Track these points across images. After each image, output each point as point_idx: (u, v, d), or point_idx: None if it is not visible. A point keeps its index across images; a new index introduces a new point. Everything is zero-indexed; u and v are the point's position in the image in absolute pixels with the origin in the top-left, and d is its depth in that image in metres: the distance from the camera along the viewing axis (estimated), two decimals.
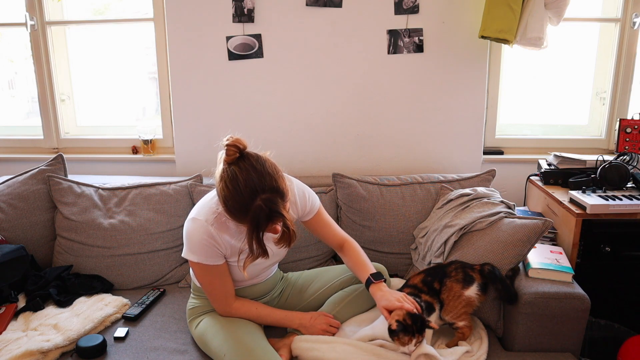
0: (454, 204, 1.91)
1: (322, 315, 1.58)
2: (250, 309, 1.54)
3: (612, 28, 2.37)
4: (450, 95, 2.30)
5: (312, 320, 1.55)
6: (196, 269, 1.49)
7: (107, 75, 2.63)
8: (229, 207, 1.31)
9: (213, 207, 1.43)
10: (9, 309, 1.66)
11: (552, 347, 1.57)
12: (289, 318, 1.57)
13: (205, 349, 1.51)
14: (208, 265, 1.44)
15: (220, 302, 1.52)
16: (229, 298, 1.52)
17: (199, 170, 2.33)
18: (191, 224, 1.44)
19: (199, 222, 1.42)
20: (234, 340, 1.42)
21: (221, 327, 1.48)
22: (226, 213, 1.34)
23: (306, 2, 2.20)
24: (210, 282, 1.49)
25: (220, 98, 2.32)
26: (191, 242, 1.44)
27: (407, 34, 2.23)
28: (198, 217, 1.43)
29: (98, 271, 1.92)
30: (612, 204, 1.79)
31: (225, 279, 1.50)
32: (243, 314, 1.53)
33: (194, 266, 1.49)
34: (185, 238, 1.46)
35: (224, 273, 1.50)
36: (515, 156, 2.42)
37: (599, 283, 1.85)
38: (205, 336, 1.50)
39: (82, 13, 2.52)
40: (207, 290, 1.51)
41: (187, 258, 1.46)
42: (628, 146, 2.21)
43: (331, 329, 1.55)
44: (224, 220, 1.42)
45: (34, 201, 1.99)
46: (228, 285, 1.51)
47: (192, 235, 1.43)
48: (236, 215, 1.32)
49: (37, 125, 2.58)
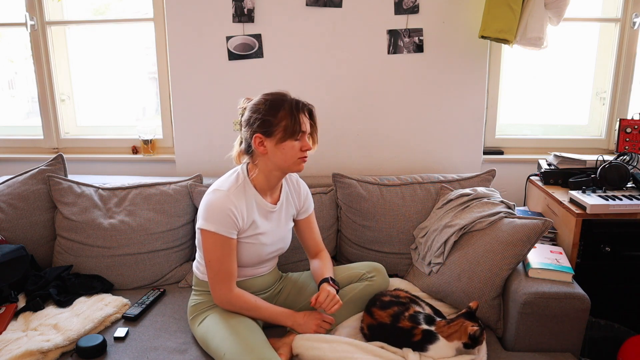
0: (454, 204, 1.91)
1: (314, 313, 1.58)
2: (249, 299, 1.54)
3: (612, 28, 2.37)
4: (450, 95, 2.30)
5: (305, 317, 1.56)
6: (209, 242, 1.48)
7: (107, 75, 2.63)
8: (262, 113, 1.47)
9: (233, 181, 1.53)
10: (9, 309, 1.66)
11: (552, 347, 1.57)
12: (284, 315, 1.57)
13: (205, 348, 1.51)
14: (223, 236, 1.46)
15: (222, 285, 1.50)
16: (232, 281, 1.51)
17: (199, 170, 2.33)
18: (212, 194, 1.50)
19: (221, 192, 1.49)
20: (233, 339, 1.42)
21: (222, 325, 1.49)
22: (259, 119, 1.47)
23: (306, 2, 2.20)
24: (219, 258, 1.48)
25: (220, 98, 2.32)
26: (211, 211, 1.47)
27: (407, 34, 2.23)
28: (220, 189, 1.50)
29: (98, 271, 1.92)
30: (612, 204, 1.79)
31: (233, 257, 1.51)
32: (243, 302, 1.52)
33: (208, 239, 1.48)
34: (204, 208, 1.49)
35: (234, 251, 1.51)
36: (515, 156, 2.42)
37: (599, 283, 1.85)
38: (207, 334, 1.50)
39: (82, 13, 2.52)
40: (214, 269, 1.49)
41: (204, 228, 1.47)
42: (628, 146, 2.21)
43: (324, 325, 1.56)
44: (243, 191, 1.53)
45: (34, 201, 1.99)
46: (234, 266, 1.51)
47: (212, 205, 1.48)
48: (271, 113, 1.47)
49: (37, 125, 2.58)
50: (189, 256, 2.08)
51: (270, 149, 1.50)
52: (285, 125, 1.47)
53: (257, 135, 1.50)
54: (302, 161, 1.55)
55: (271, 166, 1.54)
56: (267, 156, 1.52)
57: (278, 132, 1.48)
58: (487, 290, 1.65)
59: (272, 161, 1.53)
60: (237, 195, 1.51)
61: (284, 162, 1.52)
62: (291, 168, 1.55)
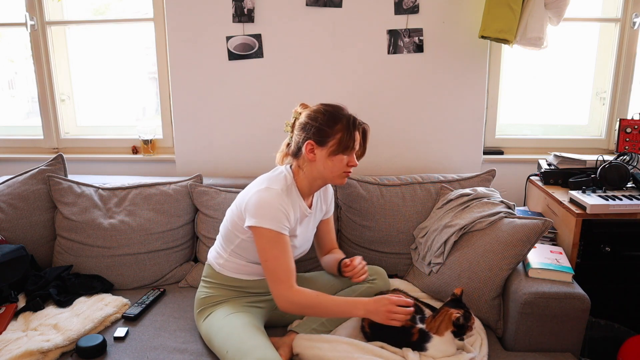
0: (454, 204, 1.91)
1: (384, 299, 1.45)
2: (310, 295, 1.45)
3: (612, 28, 2.37)
4: (450, 95, 2.30)
5: (376, 304, 1.45)
6: (264, 240, 1.46)
7: (107, 75, 2.63)
8: (319, 122, 1.49)
9: (282, 181, 1.53)
10: (9, 309, 1.66)
11: (552, 347, 1.57)
12: (353, 304, 1.46)
13: (209, 343, 1.51)
14: (278, 233, 1.45)
15: (283, 283, 1.44)
16: (292, 277, 1.45)
17: (199, 170, 2.33)
18: (266, 192, 1.48)
19: (275, 190, 1.49)
20: (237, 337, 1.42)
21: (225, 323, 1.49)
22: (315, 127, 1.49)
23: (306, 2, 2.20)
24: (277, 256, 1.45)
25: (220, 98, 2.32)
26: (266, 209, 1.46)
27: (407, 34, 2.23)
28: (272, 187, 1.49)
29: (98, 271, 1.92)
30: (612, 204, 1.79)
31: (290, 254, 1.47)
32: (303, 298, 1.45)
33: (263, 236, 1.45)
34: (258, 206, 1.47)
35: (289, 247, 1.48)
36: (515, 156, 2.42)
37: (599, 283, 1.85)
38: (211, 331, 1.50)
39: (82, 13, 2.52)
40: (272, 268, 1.45)
41: (258, 226, 1.44)
42: (628, 146, 2.21)
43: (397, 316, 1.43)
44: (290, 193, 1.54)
45: (34, 201, 1.99)
46: (292, 262, 1.47)
47: (267, 202, 1.47)
48: (328, 124, 1.49)
49: (37, 125, 2.58)
50: (189, 256, 2.08)
51: (319, 158, 1.51)
52: (340, 138, 1.49)
53: (310, 141, 1.50)
54: (346, 175, 1.56)
55: (316, 174, 1.55)
56: (314, 164, 1.53)
57: (331, 144, 1.49)
58: (487, 290, 1.65)
59: (318, 169, 1.53)
60: (287, 195, 1.52)
61: (330, 173, 1.53)
62: (334, 180, 1.56)
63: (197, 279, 1.96)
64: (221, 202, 2.00)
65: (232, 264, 1.61)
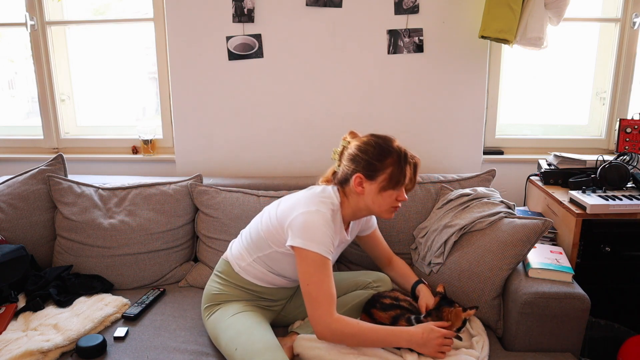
0: (454, 204, 1.91)
1: (436, 331, 1.41)
2: (351, 323, 1.39)
3: (612, 28, 2.37)
4: (450, 95, 2.30)
5: (425, 335, 1.40)
6: (309, 264, 1.39)
7: (107, 75, 2.63)
8: (369, 156, 1.45)
9: (329, 205, 1.47)
10: (9, 309, 1.66)
11: (552, 347, 1.57)
12: (396, 335, 1.41)
13: (214, 339, 1.51)
14: (324, 257, 1.40)
15: (324, 308, 1.37)
16: (333, 304, 1.38)
17: (199, 170, 2.33)
18: (316, 215, 1.43)
19: (324, 214, 1.44)
20: (247, 336, 1.42)
21: (235, 320, 1.48)
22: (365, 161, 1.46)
23: (306, 2, 2.20)
24: (321, 280, 1.38)
25: (220, 98, 2.32)
26: (314, 232, 1.41)
27: (407, 34, 2.23)
28: (321, 209, 1.44)
29: (98, 271, 1.92)
30: (612, 204, 1.79)
31: (332, 279, 1.41)
32: (344, 327, 1.37)
33: (307, 259, 1.39)
34: (306, 228, 1.41)
35: (332, 272, 1.43)
36: (515, 156, 2.42)
37: (599, 283, 1.85)
38: (218, 327, 1.50)
39: (82, 13, 2.52)
40: (314, 293, 1.38)
41: (305, 248, 1.39)
42: (628, 146, 2.21)
43: (446, 348, 1.41)
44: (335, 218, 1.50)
45: (34, 201, 1.99)
46: (334, 288, 1.41)
47: (316, 226, 1.41)
48: (378, 158, 1.45)
49: (37, 125, 2.58)
50: (189, 256, 2.08)
51: (368, 192, 1.47)
52: (391, 174, 1.45)
53: (358, 175, 1.46)
54: (394, 210, 1.51)
55: (362, 206, 1.51)
56: (362, 196, 1.49)
57: (381, 179, 1.45)
58: (487, 290, 1.65)
59: (365, 202, 1.49)
60: (333, 220, 1.47)
61: (377, 207, 1.49)
62: (381, 214, 1.51)
63: (197, 278, 1.96)
64: (221, 202, 2.01)
65: (254, 269, 1.58)
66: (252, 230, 1.60)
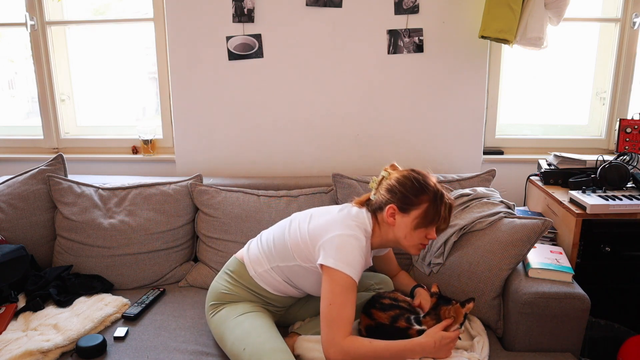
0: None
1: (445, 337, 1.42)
2: (363, 343, 1.38)
3: (612, 28, 2.37)
4: (450, 95, 2.30)
5: (437, 344, 1.41)
6: (337, 284, 1.38)
7: (107, 75, 2.63)
8: (406, 189, 1.47)
9: (363, 231, 1.47)
10: (9, 309, 1.66)
11: (552, 347, 1.57)
12: (409, 349, 1.40)
13: (219, 337, 1.50)
14: (354, 282, 1.40)
15: (340, 331, 1.36)
16: (350, 327, 1.38)
17: (199, 170, 2.33)
18: (352, 239, 1.43)
19: (359, 240, 1.44)
20: (255, 337, 1.41)
21: (243, 320, 1.48)
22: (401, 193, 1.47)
23: (306, 2, 2.20)
24: (344, 303, 1.38)
25: (220, 98, 2.32)
26: (349, 255, 1.40)
27: (407, 34, 2.23)
28: (358, 235, 1.44)
29: (98, 271, 1.93)
30: (612, 204, 1.79)
31: (355, 303, 1.41)
32: (357, 347, 1.36)
33: (339, 280, 1.38)
34: (341, 249, 1.41)
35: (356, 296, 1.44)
36: (515, 156, 2.42)
37: (599, 283, 1.85)
38: (225, 325, 1.49)
39: (82, 13, 2.52)
40: (334, 313, 1.37)
41: (339, 269, 1.38)
42: (628, 146, 2.21)
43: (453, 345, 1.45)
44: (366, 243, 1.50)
45: (34, 201, 1.99)
46: (354, 311, 1.41)
47: (351, 250, 1.41)
48: (414, 193, 1.46)
49: (37, 125, 2.58)
50: (189, 256, 2.08)
51: (398, 224, 1.48)
52: (425, 211, 1.45)
53: (392, 206, 1.47)
54: (422, 247, 1.51)
55: (391, 237, 1.51)
56: (392, 228, 1.49)
57: (415, 215, 1.46)
58: (487, 290, 1.65)
59: (395, 235, 1.49)
60: (366, 246, 1.48)
61: (406, 241, 1.49)
62: (409, 249, 1.51)
63: (198, 278, 1.96)
64: (221, 202, 2.01)
65: (270, 277, 1.56)
66: (277, 237, 1.57)
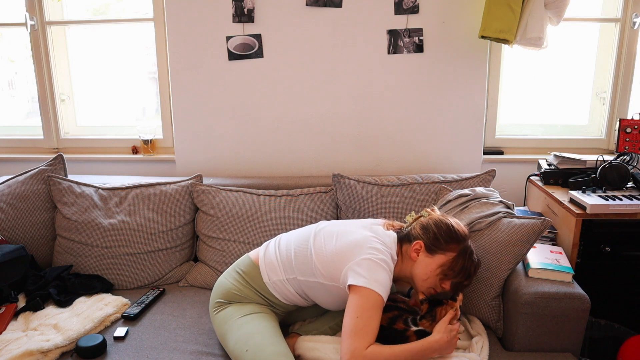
0: (453, 204, 1.90)
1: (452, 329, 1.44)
2: (383, 350, 1.39)
3: (612, 28, 2.37)
4: (450, 95, 2.30)
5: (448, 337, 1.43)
6: (368, 301, 1.39)
7: (107, 75, 2.63)
8: (440, 232, 1.49)
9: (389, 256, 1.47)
10: (9, 309, 1.66)
11: (552, 347, 1.57)
12: (426, 348, 1.42)
13: (221, 335, 1.50)
14: (383, 300, 1.41)
15: (363, 342, 1.36)
16: (372, 339, 1.39)
17: (199, 170, 2.34)
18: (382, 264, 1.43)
19: (389, 263, 1.45)
20: (259, 339, 1.41)
21: (248, 321, 1.48)
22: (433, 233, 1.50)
23: (306, 2, 2.20)
24: (372, 317, 1.39)
25: (220, 98, 2.32)
26: (380, 275, 1.41)
27: (407, 34, 2.23)
28: (387, 261, 1.45)
29: (98, 271, 1.93)
30: (612, 204, 1.79)
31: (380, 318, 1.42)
32: (377, 355, 1.36)
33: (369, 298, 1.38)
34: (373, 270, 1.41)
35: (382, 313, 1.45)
36: (515, 156, 2.42)
37: (599, 283, 1.85)
38: (229, 324, 1.49)
39: (82, 13, 2.52)
40: (360, 325, 1.37)
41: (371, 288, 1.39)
42: (628, 146, 2.21)
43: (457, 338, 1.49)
44: None
45: (34, 201, 1.99)
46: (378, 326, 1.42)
47: (382, 272, 1.42)
48: (446, 239, 1.48)
49: (37, 125, 2.58)
50: (189, 256, 2.08)
51: (420, 262, 1.49)
52: (451, 260, 1.47)
53: (420, 242, 1.49)
54: (433, 292, 1.51)
55: (408, 272, 1.52)
56: (412, 263, 1.50)
57: (438, 260, 1.47)
58: (487, 291, 1.65)
59: (412, 270, 1.50)
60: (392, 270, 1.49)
61: (422, 281, 1.49)
62: (420, 287, 1.51)
63: (198, 278, 1.96)
64: (221, 201, 2.01)
65: (284, 287, 1.56)
66: (298, 249, 1.56)
